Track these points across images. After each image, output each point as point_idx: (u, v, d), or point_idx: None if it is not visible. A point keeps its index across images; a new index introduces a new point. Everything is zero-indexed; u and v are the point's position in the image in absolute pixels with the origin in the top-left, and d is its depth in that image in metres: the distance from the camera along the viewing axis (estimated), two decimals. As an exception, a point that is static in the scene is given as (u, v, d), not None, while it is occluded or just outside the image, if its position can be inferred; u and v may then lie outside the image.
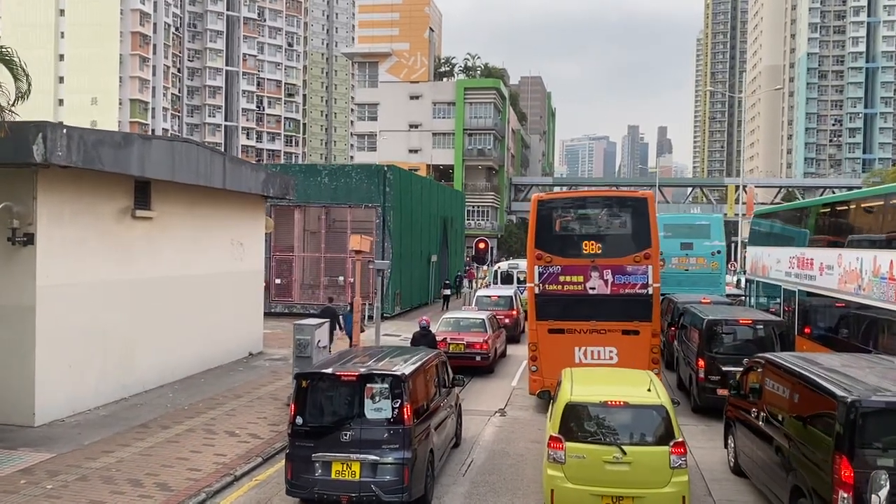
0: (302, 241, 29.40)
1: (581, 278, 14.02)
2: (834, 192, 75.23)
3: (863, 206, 13.36)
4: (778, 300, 18.37)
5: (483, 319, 18.94)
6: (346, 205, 28.55)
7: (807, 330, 16.37)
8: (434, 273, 35.90)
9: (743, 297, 29.02)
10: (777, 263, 18.18)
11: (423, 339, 16.09)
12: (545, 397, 10.70)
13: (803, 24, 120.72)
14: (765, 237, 20.59)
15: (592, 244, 14.17)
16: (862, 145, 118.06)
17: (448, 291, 34.56)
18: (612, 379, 9.84)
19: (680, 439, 8.32)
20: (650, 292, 13.84)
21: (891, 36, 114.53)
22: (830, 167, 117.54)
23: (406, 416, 8.53)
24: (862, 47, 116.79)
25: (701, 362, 13.77)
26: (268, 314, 28.46)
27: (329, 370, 8.85)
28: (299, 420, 8.68)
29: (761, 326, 13.83)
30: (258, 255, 20.26)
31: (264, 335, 21.67)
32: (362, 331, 20.40)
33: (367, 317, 25.90)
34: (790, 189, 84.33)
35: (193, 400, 14.52)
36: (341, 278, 28.78)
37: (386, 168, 28.94)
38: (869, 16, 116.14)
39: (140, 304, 14.80)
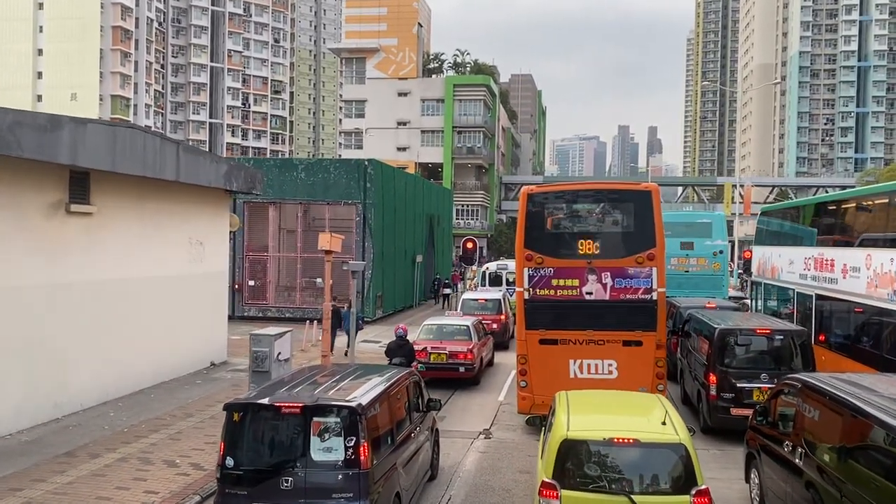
0: (277, 240, 27.61)
1: (576, 282, 12.35)
2: (827, 192, 74.12)
3: (897, 199, 11.75)
4: (789, 305, 16.80)
5: (468, 326, 17.24)
6: (323, 201, 26.79)
7: (821, 338, 14.81)
8: (419, 274, 34.20)
9: (745, 300, 27.56)
10: (789, 265, 16.59)
11: (400, 349, 14.44)
12: (535, 424, 9.03)
13: (795, 22, 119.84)
14: (773, 236, 19.01)
15: (589, 243, 12.53)
16: (854, 145, 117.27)
17: (448, 290, 33.21)
18: (616, 407, 8.15)
19: (703, 486, 6.68)
20: (654, 298, 12.20)
21: (882, 35, 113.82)
22: (822, 167, 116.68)
23: (363, 458, 6.83)
24: (854, 46, 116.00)
25: (712, 377, 12.14)
26: (240, 318, 26.81)
27: (265, 400, 7.11)
28: (230, 462, 6.95)
29: (781, 337, 12.20)
30: (221, 256, 18.48)
31: (233, 342, 19.91)
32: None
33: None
34: (784, 188, 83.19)
35: (137, 420, 12.77)
36: (319, 280, 26.98)
37: (366, 162, 27.21)
38: (861, 14, 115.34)
39: (77, 310, 13.03)
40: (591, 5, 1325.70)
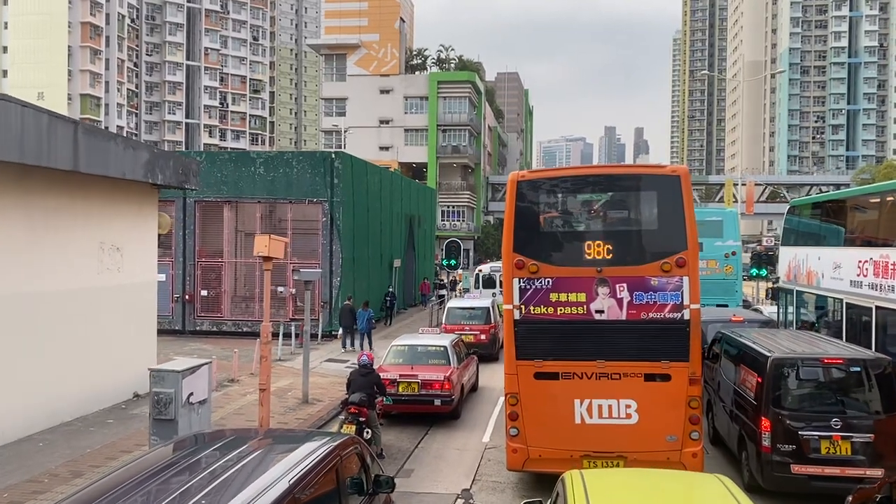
0: (233, 244, 24.41)
1: (583, 297, 9.33)
2: (822, 190, 71.74)
3: None
4: (833, 318, 13.90)
5: (445, 347, 14.15)
6: (286, 200, 23.66)
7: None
8: (398, 280, 31.10)
9: (756, 307, 24.82)
10: (834, 270, 13.69)
11: (364, 378, 11.38)
12: (534, 516, 6.01)
13: (785, 18, 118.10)
14: (808, 236, 16.11)
15: (599, 246, 9.53)
16: (845, 142, 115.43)
17: (444, 292, 30.35)
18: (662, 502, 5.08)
19: None
20: (686, 317, 9.18)
21: (873, 31, 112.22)
22: (814, 164, 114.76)
23: None
24: (844, 42, 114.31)
25: (764, 422, 9.15)
26: (192, 333, 23.70)
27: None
28: None
29: (856, 368, 9.22)
30: (147, 263, 15.29)
31: (169, 365, 16.71)
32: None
33: (293, 334, 21.47)
34: (776, 188, 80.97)
35: (3, 484, 9.62)
36: (282, 289, 23.86)
37: (333, 155, 24.08)
38: (851, 10, 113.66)
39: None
40: (577, 6, 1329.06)
